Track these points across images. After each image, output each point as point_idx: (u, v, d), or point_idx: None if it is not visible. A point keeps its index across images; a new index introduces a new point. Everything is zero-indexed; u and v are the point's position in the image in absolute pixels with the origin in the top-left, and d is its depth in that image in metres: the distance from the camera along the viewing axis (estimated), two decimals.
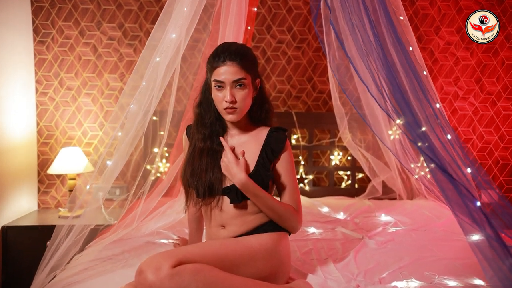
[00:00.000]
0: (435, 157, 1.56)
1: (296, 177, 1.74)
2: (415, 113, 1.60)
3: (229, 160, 1.61)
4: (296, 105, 3.40)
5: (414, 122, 1.56)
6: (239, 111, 1.62)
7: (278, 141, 1.68)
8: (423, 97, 1.69)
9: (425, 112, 1.66)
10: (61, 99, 3.24)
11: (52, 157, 3.22)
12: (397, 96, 1.60)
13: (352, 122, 2.99)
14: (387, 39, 1.73)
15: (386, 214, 2.71)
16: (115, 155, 2.03)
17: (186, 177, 1.69)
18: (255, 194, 1.59)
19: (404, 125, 1.63)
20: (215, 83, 1.61)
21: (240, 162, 1.60)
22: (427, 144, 1.56)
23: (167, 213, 2.35)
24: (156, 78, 1.93)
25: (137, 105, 1.88)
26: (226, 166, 1.62)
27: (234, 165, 1.59)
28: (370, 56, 1.65)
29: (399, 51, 1.70)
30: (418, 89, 1.67)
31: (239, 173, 1.58)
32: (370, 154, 3.10)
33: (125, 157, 2.04)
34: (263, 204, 1.61)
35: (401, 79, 1.66)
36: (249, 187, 1.58)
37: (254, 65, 1.68)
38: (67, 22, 3.21)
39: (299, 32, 3.36)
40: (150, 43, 1.91)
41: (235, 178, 1.59)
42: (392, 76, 1.60)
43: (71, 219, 2.08)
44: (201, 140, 1.70)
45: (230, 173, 1.60)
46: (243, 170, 1.58)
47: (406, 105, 1.58)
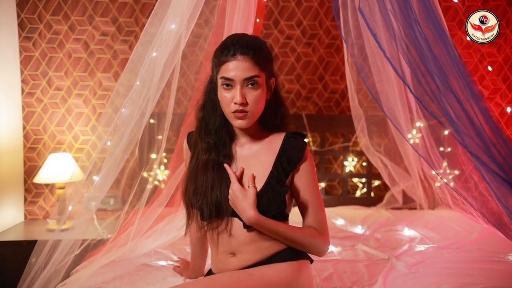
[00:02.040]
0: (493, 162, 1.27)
1: (320, 192, 1.46)
2: (471, 116, 1.31)
3: (234, 193, 1.35)
4: (306, 106, 3.14)
5: (471, 125, 1.28)
6: (251, 116, 1.36)
7: (295, 149, 1.42)
8: (471, 97, 1.41)
9: (476, 113, 1.38)
10: (50, 100, 2.99)
11: (39, 163, 2.96)
12: (449, 96, 1.31)
13: (371, 125, 2.71)
14: (430, 29, 1.45)
15: (410, 228, 2.45)
16: (106, 164, 1.77)
17: (188, 195, 1.43)
18: (270, 230, 1.35)
19: (457, 130, 1.35)
20: (223, 80, 1.36)
21: (249, 194, 1.34)
22: (484, 147, 1.28)
23: (166, 230, 2.08)
24: (152, 76, 1.66)
25: (131, 107, 1.62)
26: (232, 200, 1.37)
27: (241, 200, 1.33)
28: (411, 49, 1.37)
29: (446, 43, 1.42)
30: (467, 89, 1.39)
31: (248, 210, 1.32)
32: (388, 160, 2.83)
33: (117, 166, 1.78)
34: (281, 237, 1.37)
35: (451, 76, 1.38)
36: (261, 224, 1.33)
37: (269, 61, 1.43)
38: (56, 16, 2.95)
39: (309, 27, 3.11)
40: (145, 37, 1.64)
41: (243, 215, 1.33)
42: (441, 72, 1.32)
43: (58, 232, 1.83)
44: (205, 151, 1.44)
45: (237, 209, 1.35)
46: (252, 204, 1.32)
47: (460, 106, 1.30)
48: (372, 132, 2.79)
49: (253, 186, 1.35)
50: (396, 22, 1.42)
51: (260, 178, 1.40)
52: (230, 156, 1.44)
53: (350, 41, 2.16)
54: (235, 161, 1.44)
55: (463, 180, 2.93)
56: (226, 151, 1.44)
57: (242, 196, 1.33)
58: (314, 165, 1.46)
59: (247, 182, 1.38)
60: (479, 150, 1.32)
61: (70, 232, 1.87)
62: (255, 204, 1.32)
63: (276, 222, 1.35)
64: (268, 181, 1.39)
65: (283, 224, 1.37)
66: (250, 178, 1.37)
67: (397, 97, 2.46)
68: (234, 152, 1.45)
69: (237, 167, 1.43)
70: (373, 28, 1.48)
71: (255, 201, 1.33)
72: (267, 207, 1.35)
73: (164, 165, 3.00)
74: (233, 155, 1.45)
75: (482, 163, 1.32)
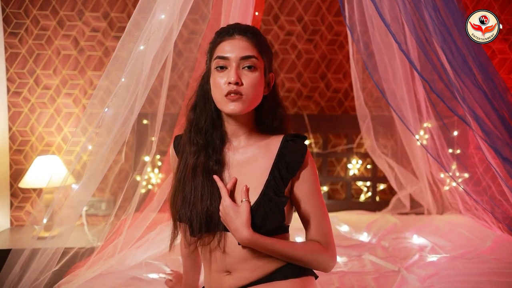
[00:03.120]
0: None
1: (323, 201, 1.31)
2: (502, 116, 1.16)
3: (225, 209, 1.20)
4: (308, 106, 2.99)
5: (501, 123, 1.13)
6: (246, 100, 1.21)
7: (295, 154, 1.27)
8: (497, 92, 1.26)
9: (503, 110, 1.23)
10: (37, 100, 2.84)
11: (27, 166, 2.81)
12: (477, 95, 1.16)
13: (378, 126, 2.56)
14: (449, 18, 1.30)
15: (419, 235, 2.30)
16: (89, 168, 1.64)
17: (176, 207, 1.27)
18: (268, 250, 1.21)
19: (485, 131, 1.19)
20: (217, 62, 1.23)
21: (242, 211, 1.19)
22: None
23: (158, 239, 1.93)
24: (141, 72, 1.50)
25: (115, 108, 1.46)
26: (223, 218, 1.22)
27: (233, 218, 1.19)
28: (436, 41, 1.21)
29: (464, 36, 1.27)
30: (491, 83, 1.23)
31: (241, 229, 1.17)
32: (394, 162, 2.68)
33: (101, 171, 1.65)
34: (281, 256, 1.22)
35: (476, 72, 1.22)
36: (257, 244, 1.19)
37: (268, 50, 1.31)
38: (44, 11, 2.80)
39: (310, 22, 2.96)
40: (131, 28, 1.48)
41: (236, 235, 1.19)
42: (468, 68, 1.16)
43: (34, 240, 1.67)
44: (194, 154, 1.28)
45: (229, 228, 1.21)
46: (245, 222, 1.18)
47: (489, 104, 1.14)
48: (378, 133, 2.65)
49: (246, 200, 1.21)
50: (413, 11, 1.27)
51: (256, 187, 1.25)
52: (222, 162, 1.29)
53: (356, 36, 2.01)
54: (227, 167, 1.29)
55: (472, 183, 2.78)
56: (217, 155, 1.28)
57: (234, 213, 1.18)
58: (316, 171, 1.31)
59: (240, 194, 1.23)
60: (508, 151, 1.16)
61: (50, 240, 1.70)
62: (250, 222, 1.18)
63: (275, 240, 1.20)
64: (264, 190, 1.24)
65: (283, 242, 1.22)
66: (243, 191, 1.22)
67: (405, 96, 2.31)
68: (226, 157, 1.30)
69: (229, 174, 1.28)
70: (386, 19, 1.32)
71: (249, 218, 1.18)
72: (264, 221, 1.20)
73: (158, 168, 2.84)
74: (225, 161, 1.30)
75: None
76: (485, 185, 2.70)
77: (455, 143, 2.73)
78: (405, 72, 2.23)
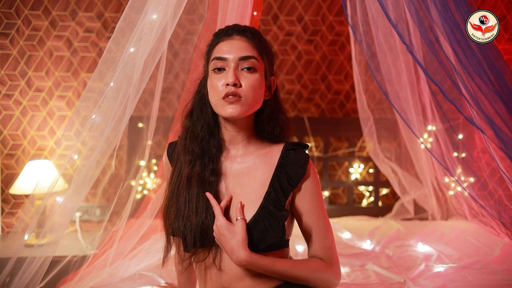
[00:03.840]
0: None
1: (327, 214, 1.24)
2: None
3: (219, 230, 1.13)
4: (308, 108, 2.91)
5: None
6: (244, 103, 1.14)
7: (297, 164, 1.20)
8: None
9: None
10: (29, 103, 2.76)
11: (18, 171, 2.72)
12: (492, 100, 1.07)
13: (381, 129, 2.48)
14: (459, 17, 1.22)
15: (424, 243, 2.22)
16: (77, 176, 1.57)
17: (169, 220, 1.20)
18: (267, 270, 1.12)
19: (500, 137, 1.11)
20: (214, 63, 1.16)
21: (237, 231, 1.11)
22: None
23: (152, 250, 1.84)
24: (132, 75, 1.42)
25: (104, 112, 1.37)
26: (218, 238, 1.14)
27: (228, 238, 1.11)
28: (446, 41, 1.13)
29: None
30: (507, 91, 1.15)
31: (238, 251, 1.09)
32: (397, 167, 2.60)
33: (90, 179, 1.57)
34: (281, 276, 1.14)
35: (491, 76, 1.14)
36: (255, 265, 1.11)
37: (269, 52, 1.24)
38: (35, 11, 2.72)
39: (311, 22, 2.88)
40: (121, 28, 1.40)
41: (232, 257, 1.11)
42: (482, 71, 1.08)
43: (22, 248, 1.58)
44: (189, 163, 1.20)
45: (225, 249, 1.13)
46: (242, 243, 1.10)
47: (506, 109, 1.06)
48: (381, 136, 2.57)
49: (241, 218, 1.13)
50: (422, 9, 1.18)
51: (254, 199, 1.17)
52: (218, 172, 1.21)
53: (359, 36, 1.93)
54: (224, 177, 1.22)
55: (478, 187, 2.71)
56: (213, 165, 1.21)
57: (230, 233, 1.10)
58: (319, 182, 1.24)
59: (235, 212, 1.15)
60: None
61: (37, 249, 1.60)
62: (246, 242, 1.10)
63: (274, 259, 1.12)
64: (263, 203, 1.16)
65: (283, 261, 1.14)
66: (238, 209, 1.14)
67: (409, 98, 2.23)
68: (223, 167, 1.22)
69: (226, 185, 1.21)
70: (392, 18, 1.24)
71: (245, 238, 1.10)
72: (263, 236, 1.13)
73: (154, 173, 2.76)
74: (221, 171, 1.22)
75: None
76: (491, 190, 2.62)
77: (460, 146, 2.65)
78: (409, 73, 2.15)
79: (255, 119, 1.24)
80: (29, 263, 1.54)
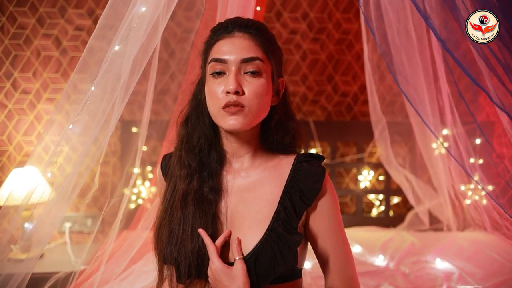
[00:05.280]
0: None
1: (346, 237, 1.08)
2: None
3: (215, 274, 0.98)
4: (314, 111, 2.76)
5: None
6: (248, 113, 0.98)
7: (311, 178, 1.03)
8: None
9: None
10: (15, 106, 2.61)
11: (3, 179, 2.55)
12: None
13: (395, 134, 2.30)
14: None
15: (442, 259, 2.04)
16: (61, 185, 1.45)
17: (161, 244, 1.04)
18: None
19: None
20: (213, 66, 1.00)
21: (236, 275, 0.95)
22: None
23: (144, 271, 1.67)
24: (119, 76, 1.25)
25: (82, 125, 1.21)
26: (214, 284, 0.99)
27: (226, 284, 0.96)
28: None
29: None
30: None
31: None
32: (411, 174, 2.43)
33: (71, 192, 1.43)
34: None
35: None
36: None
37: (277, 50, 1.07)
38: (21, 7, 2.57)
39: (316, 19, 2.72)
40: (103, 24, 1.23)
41: None
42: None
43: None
44: (185, 178, 1.05)
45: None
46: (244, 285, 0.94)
47: None
48: (393, 142, 2.40)
49: (240, 258, 0.96)
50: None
51: (261, 219, 1.01)
52: (219, 188, 1.05)
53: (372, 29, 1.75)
54: (225, 194, 1.05)
55: (495, 195, 2.54)
56: (213, 181, 1.04)
57: (228, 278, 0.94)
58: (337, 200, 1.07)
59: (231, 250, 0.99)
60: None
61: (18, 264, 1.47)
62: (248, 286, 0.94)
63: None
64: (272, 225, 0.99)
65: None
66: (235, 246, 0.97)
67: (426, 99, 2.05)
68: (225, 182, 1.06)
69: (227, 203, 1.04)
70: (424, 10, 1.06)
71: (246, 283, 0.94)
72: (271, 265, 0.96)
73: (149, 181, 2.61)
74: (222, 187, 1.06)
75: None
76: (510, 197, 2.46)
77: (477, 151, 2.47)
78: (427, 73, 1.98)
79: (262, 128, 1.07)
80: (5, 281, 1.38)
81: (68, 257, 2.36)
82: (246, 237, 1.00)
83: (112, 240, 1.51)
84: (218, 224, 1.03)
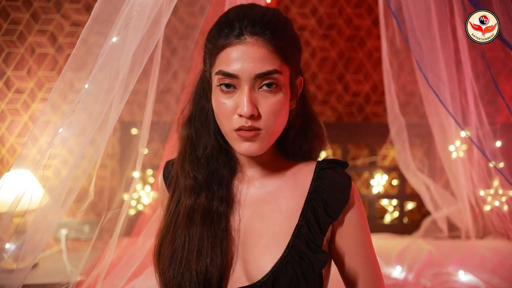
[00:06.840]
0: None
1: (375, 255, 0.99)
2: None
3: None
4: (323, 112, 2.67)
5: None
6: (266, 136, 0.87)
7: (336, 187, 0.92)
8: None
9: None
10: (9, 106, 2.53)
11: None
12: None
13: (413, 137, 2.18)
14: None
15: (465, 272, 1.92)
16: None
17: (162, 264, 0.93)
18: None
19: None
20: (220, 78, 0.85)
21: None
22: None
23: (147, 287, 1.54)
24: (117, 74, 1.13)
25: (77, 125, 1.11)
26: None
27: None
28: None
29: None
30: None
31: None
32: (429, 179, 2.33)
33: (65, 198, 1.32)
34: None
35: None
36: None
37: (296, 49, 0.93)
38: (14, 2, 2.49)
39: (326, 15, 2.63)
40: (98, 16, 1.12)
41: None
42: None
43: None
44: (190, 191, 0.93)
45: None
46: None
47: None
48: (412, 145, 2.29)
49: None
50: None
51: (280, 235, 0.89)
52: (230, 200, 0.94)
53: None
54: (238, 206, 0.94)
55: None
56: (223, 191, 0.93)
57: None
58: (364, 211, 0.95)
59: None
60: None
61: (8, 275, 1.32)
62: None
63: None
64: (293, 242, 0.88)
65: None
66: None
67: (448, 99, 1.93)
68: (237, 192, 0.95)
69: (240, 217, 0.93)
70: None
71: None
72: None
73: (150, 186, 2.55)
74: (234, 198, 0.95)
75: None
76: None
77: (497, 154, 2.36)
78: (450, 69, 1.85)
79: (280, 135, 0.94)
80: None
81: (64, 266, 2.27)
82: (263, 256, 0.88)
83: (112, 251, 1.40)
84: (229, 241, 0.91)
